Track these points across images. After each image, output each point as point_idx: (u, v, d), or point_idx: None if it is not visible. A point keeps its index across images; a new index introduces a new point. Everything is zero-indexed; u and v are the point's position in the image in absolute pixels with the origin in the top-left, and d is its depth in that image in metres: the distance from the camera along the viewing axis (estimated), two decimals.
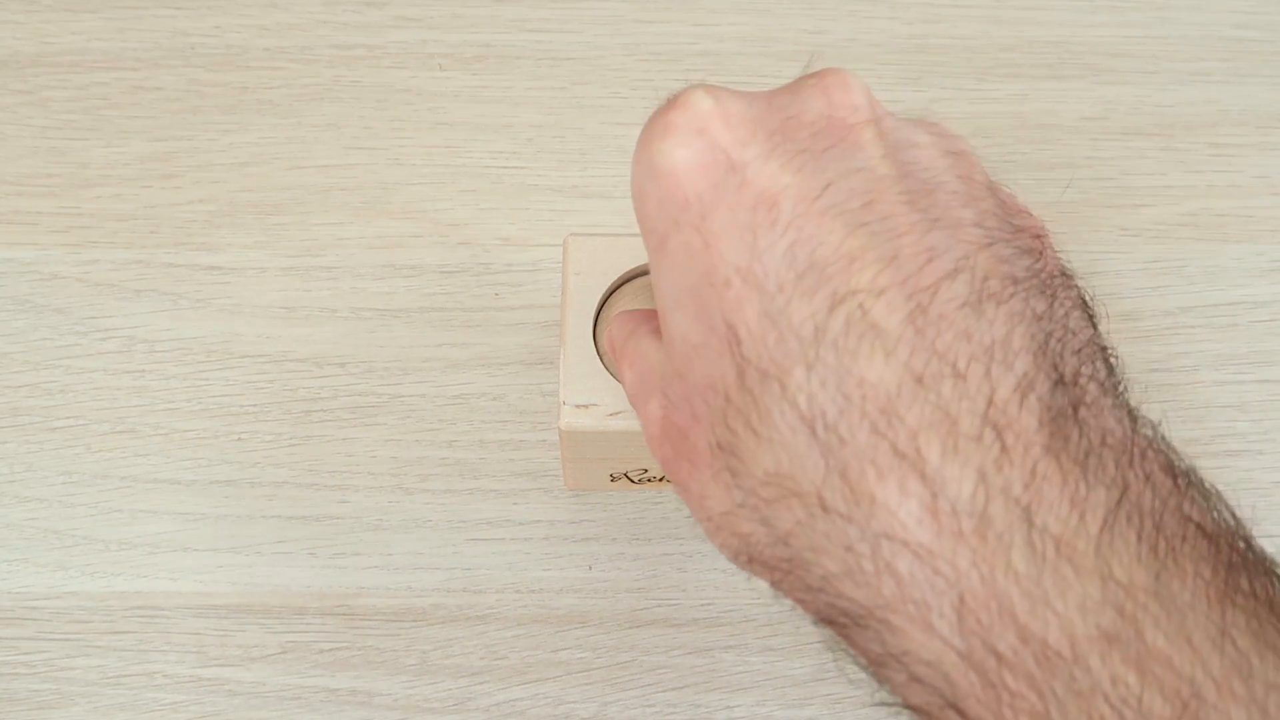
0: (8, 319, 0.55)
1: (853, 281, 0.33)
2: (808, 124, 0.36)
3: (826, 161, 0.35)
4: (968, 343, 0.32)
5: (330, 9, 0.61)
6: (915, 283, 0.33)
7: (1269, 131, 0.58)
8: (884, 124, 0.36)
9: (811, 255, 0.33)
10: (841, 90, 0.36)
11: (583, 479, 0.51)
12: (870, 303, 0.33)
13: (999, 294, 0.33)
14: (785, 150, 0.35)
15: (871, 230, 0.33)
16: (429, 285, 0.55)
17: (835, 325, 0.33)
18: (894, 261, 0.33)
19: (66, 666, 0.49)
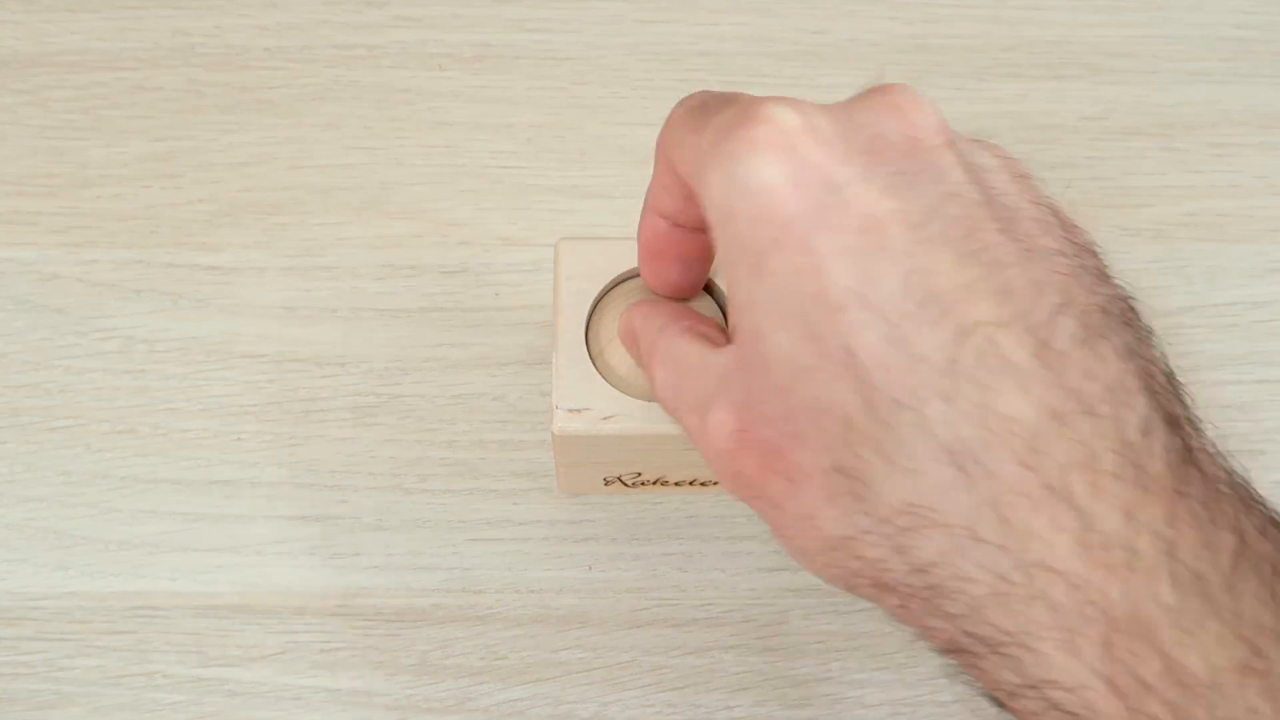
0: (8, 319, 0.55)
1: (975, 313, 0.34)
2: (893, 144, 0.36)
3: (922, 186, 0.35)
4: (1092, 381, 0.33)
5: (330, 9, 0.61)
6: (1032, 317, 0.34)
7: (1269, 131, 0.58)
8: (959, 146, 0.37)
9: (927, 284, 0.34)
10: (917, 110, 0.37)
11: (576, 483, 0.51)
12: (998, 336, 0.33)
13: (1101, 329, 0.34)
14: (881, 172, 0.35)
15: (981, 261, 0.34)
16: (429, 285, 0.55)
17: (967, 357, 0.33)
18: (1008, 295, 0.34)
19: (66, 666, 0.49)
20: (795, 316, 0.35)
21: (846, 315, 0.34)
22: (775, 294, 0.35)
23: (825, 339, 0.34)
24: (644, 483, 0.50)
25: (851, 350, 0.34)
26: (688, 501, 0.52)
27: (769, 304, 0.35)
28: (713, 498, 0.52)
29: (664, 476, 0.50)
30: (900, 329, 0.34)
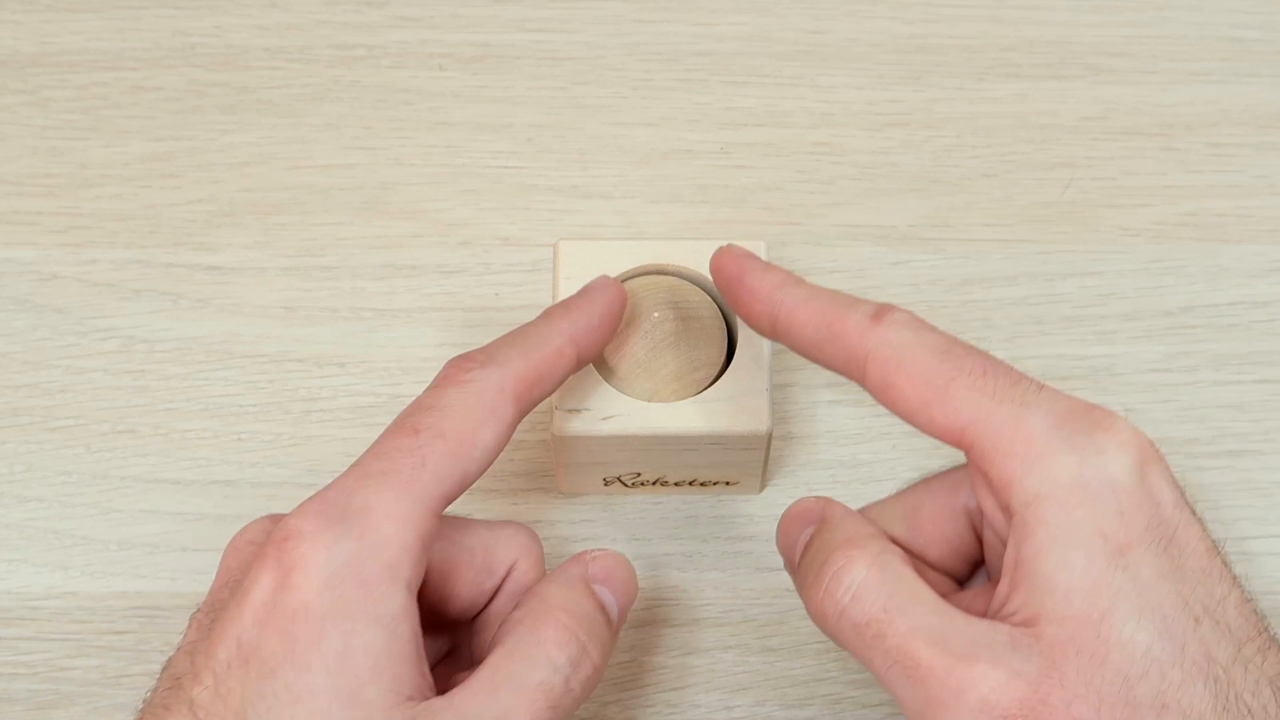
0: (8, 319, 0.55)
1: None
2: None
3: (1200, 525, 0.40)
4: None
5: (330, 9, 0.61)
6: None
7: (1269, 131, 0.58)
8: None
9: (1251, 616, 0.38)
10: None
11: (575, 483, 0.51)
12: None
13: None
14: (1190, 509, 0.39)
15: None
16: (429, 285, 0.55)
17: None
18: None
19: (66, 666, 0.49)
20: (1155, 613, 0.37)
21: (1203, 627, 0.37)
22: (1136, 587, 0.37)
23: (1186, 643, 0.37)
24: (644, 483, 0.50)
25: (1212, 657, 0.37)
26: (688, 501, 0.52)
27: (1128, 595, 0.37)
28: (713, 498, 0.52)
29: (664, 476, 0.50)
30: (1245, 650, 0.37)
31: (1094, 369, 0.54)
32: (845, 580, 0.39)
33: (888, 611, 0.38)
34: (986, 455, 0.39)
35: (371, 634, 0.38)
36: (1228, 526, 0.51)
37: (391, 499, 0.39)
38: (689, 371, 0.48)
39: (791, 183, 0.58)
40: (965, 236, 0.56)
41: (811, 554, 0.41)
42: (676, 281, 0.49)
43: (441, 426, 0.40)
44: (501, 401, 0.41)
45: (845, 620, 0.39)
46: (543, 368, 0.43)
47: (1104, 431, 0.39)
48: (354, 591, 0.38)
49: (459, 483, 0.41)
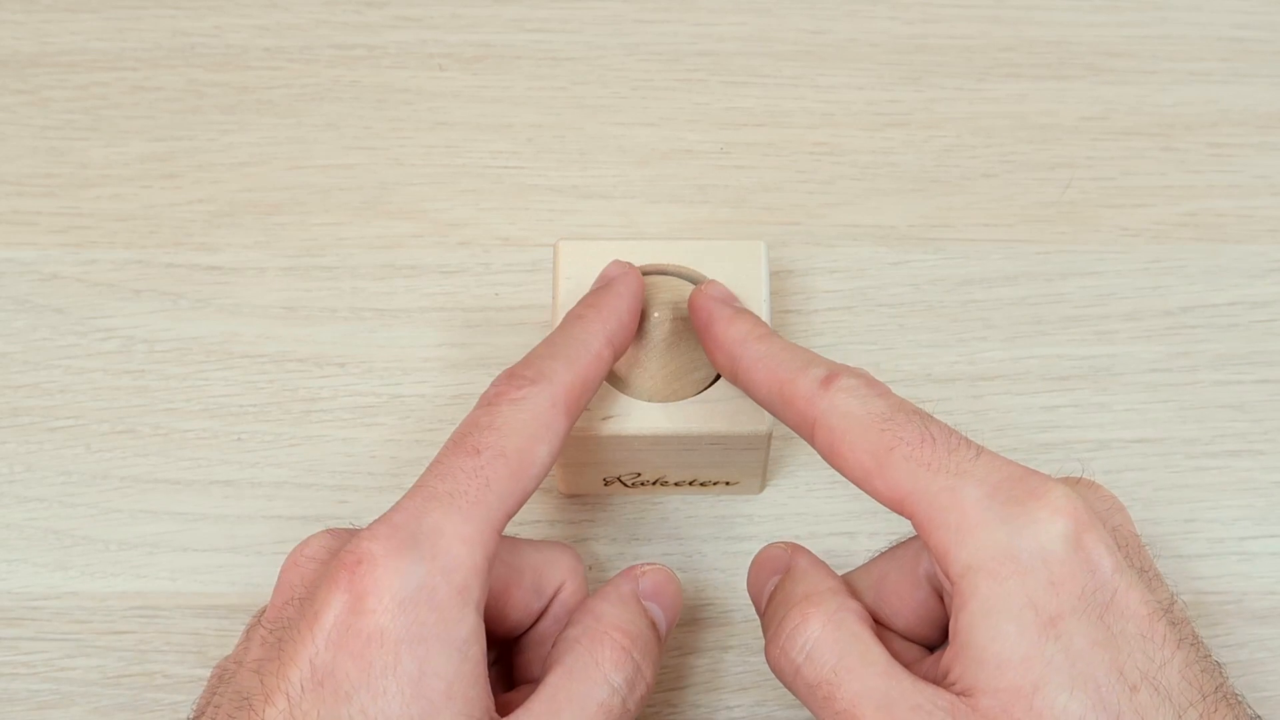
0: (8, 319, 0.55)
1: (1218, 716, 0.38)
2: (1129, 538, 0.42)
3: (1155, 584, 0.41)
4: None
5: (330, 9, 0.61)
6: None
7: (1269, 131, 0.58)
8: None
9: (1197, 681, 0.38)
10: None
11: (575, 483, 0.51)
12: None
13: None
14: (1134, 571, 0.39)
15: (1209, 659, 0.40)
16: (429, 285, 0.55)
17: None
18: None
19: (66, 666, 0.49)
20: (1089, 683, 0.37)
21: (1140, 696, 0.37)
22: (1068, 658, 0.37)
23: (1121, 713, 0.37)
24: (644, 483, 0.50)
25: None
26: (688, 501, 0.52)
27: (1060, 666, 0.37)
28: (713, 498, 0.52)
29: (664, 476, 0.50)
30: (1186, 716, 0.37)
31: (1094, 369, 0.54)
32: (800, 639, 0.40)
33: (837, 674, 0.39)
34: (924, 527, 0.39)
35: (445, 658, 0.38)
36: (1228, 526, 0.51)
37: (459, 520, 0.39)
38: (689, 371, 0.48)
39: (791, 183, 0.58)
40: (965, 236, 0.56)
41: (774, 606, 0.42)
42: (676, 281, 0.49)
43: (502, 446, 0.41)
44: (554, 416, 0.42)
45: (799, 679, 0.40)
46: (587, 375, 0.43)
47: (1037, 500, 0.38)
48: (428, 615, 0.38)
49: (519, 501, 0.41)
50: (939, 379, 0.54)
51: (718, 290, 0.47)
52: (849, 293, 0.55)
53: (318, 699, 0.37)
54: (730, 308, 0.46)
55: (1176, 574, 0.51)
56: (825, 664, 0.39)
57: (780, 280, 0.55)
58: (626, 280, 0.47)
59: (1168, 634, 0.38)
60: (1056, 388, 0.54)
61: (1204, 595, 0.50)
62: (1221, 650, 0.50)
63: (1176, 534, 0.51)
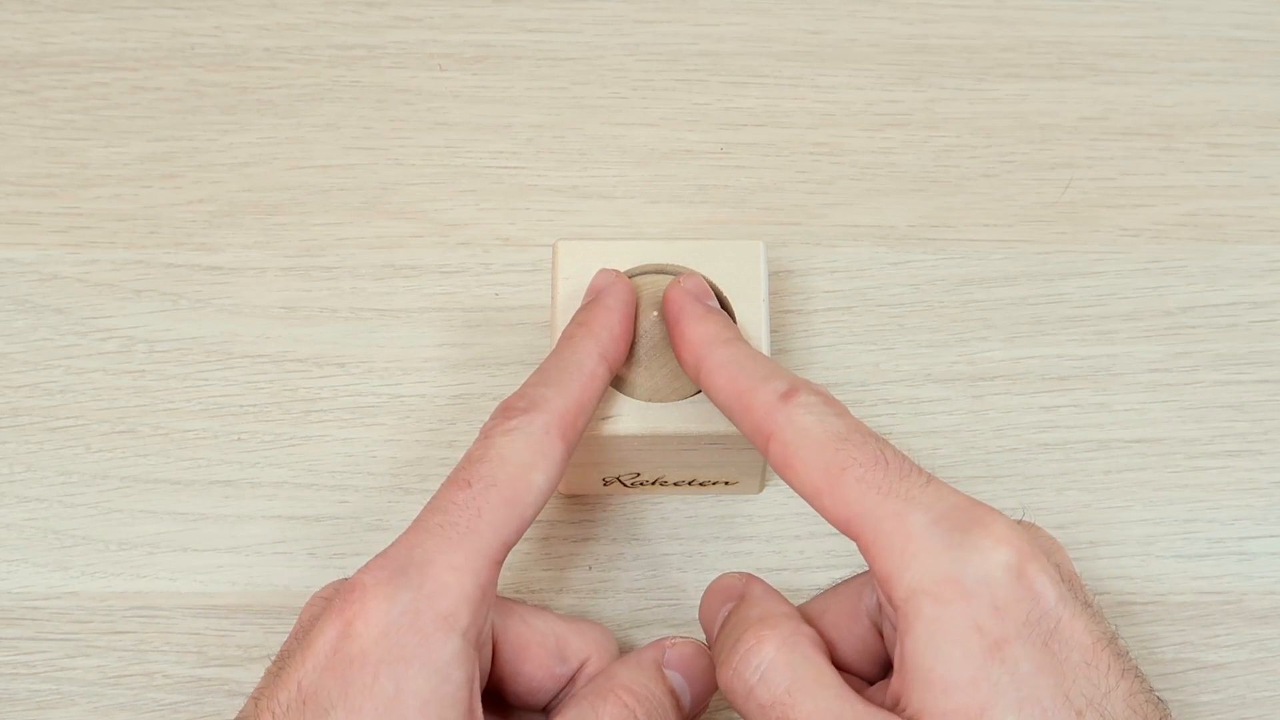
0: (8, 319, 0.55)
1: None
2: (1070, 576, 0.42)
3: (1098, 615, 0.40)
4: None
5: (330, 9, 0.61)
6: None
7: (1269, 131, 0.58)
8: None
9: (1141, 709, 0.38)
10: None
11: (575, 483, 0.51)
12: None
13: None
14: (1079, 600, 0.39)
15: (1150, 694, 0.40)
16: (429, 285, 0.55)
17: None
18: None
19: (66, 666, 0.49)
20: (1035, 707, 0.37)
21: (1085, 718, 0.37)
22: (1014, 681, 0.37)
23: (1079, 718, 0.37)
24: (643, 483, 0.50)
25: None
26: (688, 501, 0.52)
27: (1006, 689, 0.37)
28: (713, 498, 0.52)
29: (663, 476, 0.50)
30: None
31: (1094, 369, 0.54)
32: (754, 660, 0.40)
33: (791, 695, 0.39)
34: (869, 550, 0.40)
35: (423, 678, 0.39)
36: (1227, 526, 0.51)
37: (449, 550, 0.40)
38: None
39: (791, 183, 0.58)
40: (965, 236, 0.56)
41: (727, 630, 0.42)
42: None
43: (494, 476, 0.41)
44: (549, 443, 0.42)
45: (752, 700, 0.40)
46: (582, 398, 0.44)
47: (982, 529, 0.39)
48: (410, 638, 0.39)
49: (517, 529, 0.42)
50: (939, 379, 0.54)
51: (692, 284, 0.47)
52: (849, 293, 0.55)
53: (299, 717, 0.38)
54: (701, 305, 0.46)
55: (1176, 574, 0.51)
56: (779, 685, 0.39)
57: (780, 280, 0.55)
58: (614, 291, 0.47)
59: (1112, 663, 0.38)
60: (1056, 388, 0.54)
61: (1204, 595, 0.50)
62: (1222, 650, 0.50)
63: (1176, 534, 0.51)
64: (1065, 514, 0.51)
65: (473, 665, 0.40)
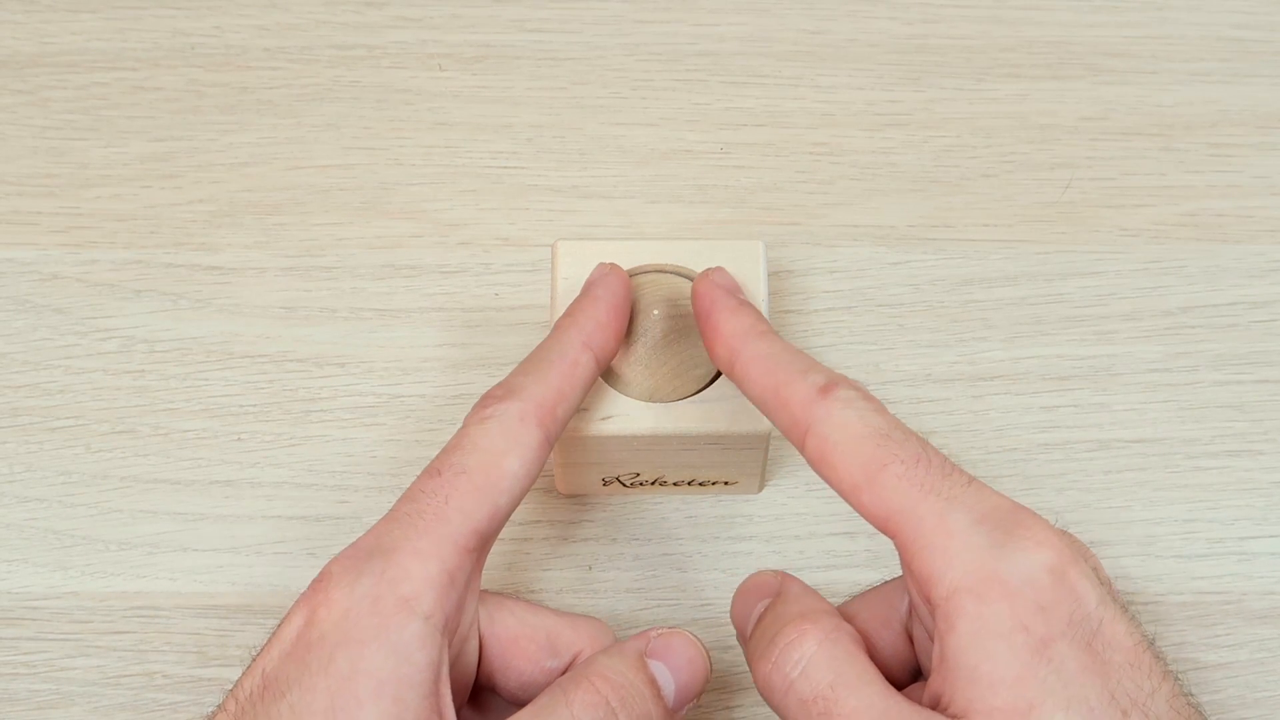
0: (8, 319, 0.55)
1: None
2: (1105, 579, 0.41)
3: (1131, 618, 0.40)
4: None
5: (330, 9, 0.61)
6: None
7: (1269, 131, 0.58)
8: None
9: (1183, 710, 0.38)
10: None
11: (575, 483, 0.51)
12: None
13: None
14: (1118, 603, 0.40)
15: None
16: (429, 285, 0.55)
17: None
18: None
19: (66, 666, 0.49)
20: (1082, 706, 0.37)
21: (1131, 718, 0.37)
22: (1061, 680, 0.37)
23: (1124, 717, 0.37)
24: (643, 483, 0.50)
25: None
26: (688, 501, 0.52)
27: (1054, 687, 0.37)
28: (713, 498, 0.52)
29: (663, 476, 0.50)
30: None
31: (1094, 369, 0.54)
32: (795, 655, 0.40)
33: (835, 690, 0.39)
34: (909, 547, 0.39)
35: (380, 658, 0.38)
36: (1227, 526, 0.51)
37: (415, 536, 0.40)
38: (689, 369, 0.48)
39: (791, 183, 0.58)
40: (965, 236, 0.56)
41: (764, 626, 0.42)
42: (676, 280, 0.49)
43: (464, 464, 0.41)
44: (523, 429, 0.42)
45: (792, 694, 0.39)
46: (562, 385, 0.44)
47: (1024, 530, 0.39)
48: (368, 620, 0.39)
49: (490, 515, 0.41)
50: (939, 379, 0.54)
51: (723, 278, 0.47)
52: (849, 293, 0.55)
53: (260, 700, 0.39)
54: (735, 298, 0.46)
55: (1176, 574, 0.51)
56: (822, 679, 0.39)
57: (780, 280, 0.55)
58: (605, 282, 0.47)
59: (1153, 665, 0.38)
60: (1056, 388, 0.54)
61: (1204, 595, 0.50)
62: (1222, 650, 0.50)
63: (1176, 534, 0.51)
64: (1065, 514, 0.51)
65: (438, 650, 0.39)
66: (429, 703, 0.39)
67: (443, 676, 0.40)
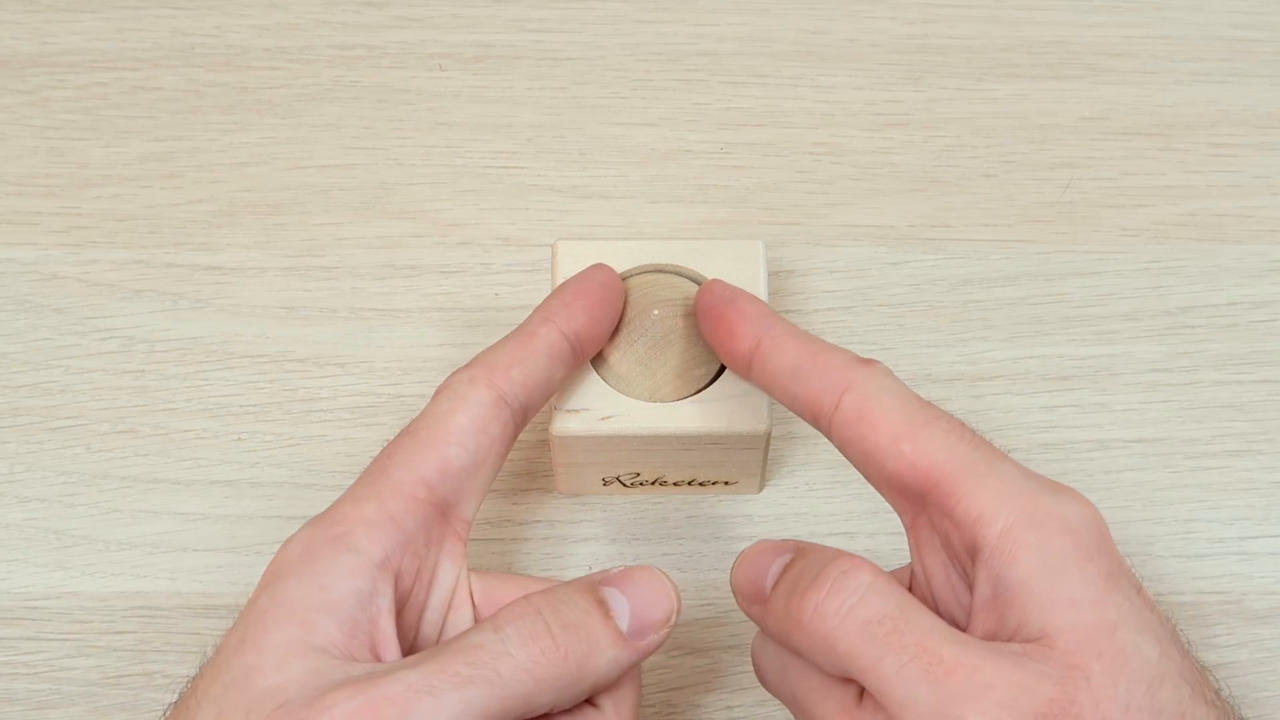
0: (8, 319, 0.55)
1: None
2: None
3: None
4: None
5: (330, 9, 0.61)
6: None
7: (1269, 131, 0.58)
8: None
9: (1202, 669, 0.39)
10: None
11: (575, 483, 0.51)
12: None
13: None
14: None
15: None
16: (429, 285, 0.55)
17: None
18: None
19: (66, 666, 0.49)
20: (1155, 635, 0.38)
21: (1188, 660, 0.38)
22: (1133, 609, 0.38)
23: (1181, 668, 0.38)
24: (643, 483, 0.50)
25: (1202, 684, 0.38)
26: (687, 501, 0.52)
27: (1129, 613, 0.38)
28: (712, 498, 0.52)
29: (663, 476, 0.50)
30: (1220, 694, 0.39)
31: (1094, 369, 0.54)
32: (853, 581, 0.39)
33: (904, 611, 0.38)
34: (955, 491, 0.39)
35: (296, 587, 0.39)
36: (1227, 526, 0.51)
37: (356, 489, 0.41)
38: (689, 369, 0.48)
39: (791, 183, 0.58)
40: (965, 236, 0.56)
41: (802, 567, 0.40)
42: (676, 280, 0.49)
43: (413, 428, 0.43)
44: (470, 390, 0.43)
45: (853, 618, 0.38)
46: (516, 352, 0.44)
47: (1065, 493, 0.40)
48: (298, 559, 0.40)
49: (439, 466, 0.42)
50: (939, 379, 0.54)
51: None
52: (849, 293, 0.55)
53: (209, 661, 0.40)
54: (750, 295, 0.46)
55: (1176, 574, 0.51)
56: (887, 602, 0.38)
57: (780, 280, 0.55)
58: (581, 272, 0.47)
59: (1177, 628, 0.40)
60: (1056, 388, 0.54)
61: (1204, 595, 0.50)
62: (1222, 650, 0.50)
63: (1176, 534, 0.51)
64: None
65: (370, 583, 0.39)
66: (347, 629, 0.39)
67: (380, 610, 0.40)
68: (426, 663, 0.38)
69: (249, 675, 0.38)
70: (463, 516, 0.43)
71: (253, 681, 0.38)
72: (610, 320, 0.47)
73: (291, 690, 0.37)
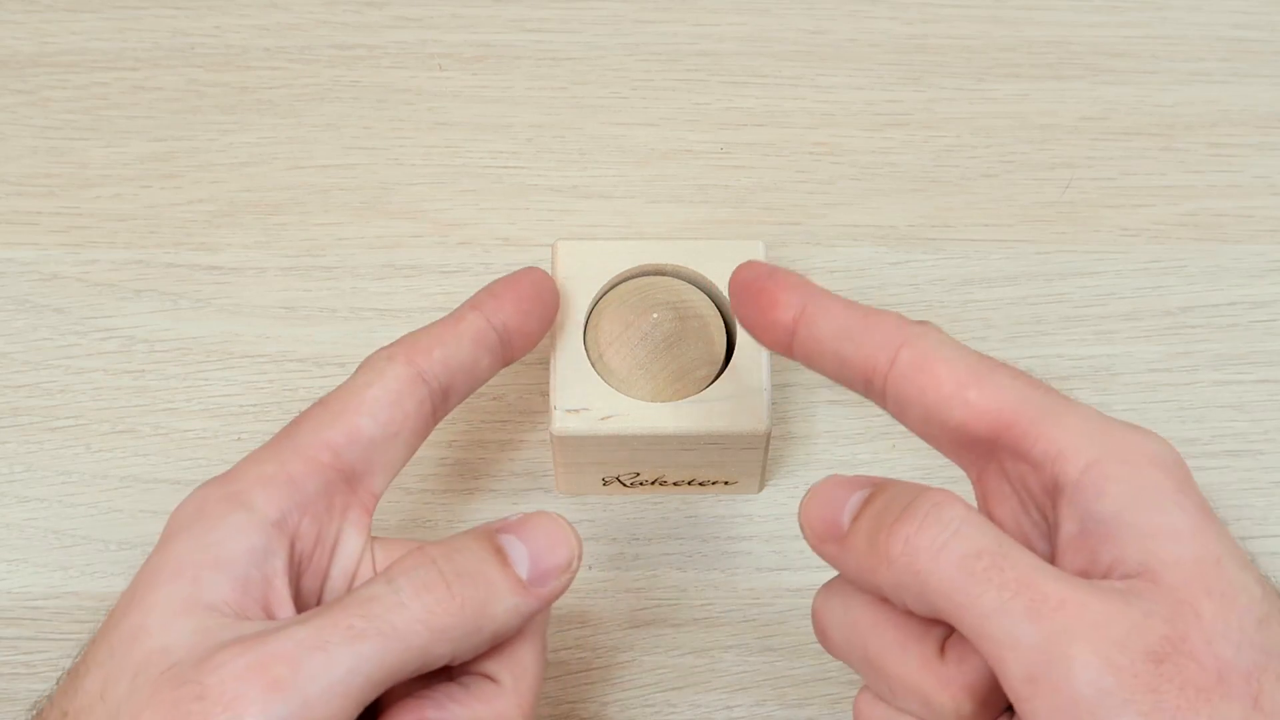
0: (8, 319, 0.55)
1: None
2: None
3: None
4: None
5: (330, 9, 0.61)
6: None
7: (1269, 131, 0.58)
8: None
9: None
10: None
11: (575, 483, 0.51)
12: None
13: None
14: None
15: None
16: (429, 285, 0.55)
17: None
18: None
19: (67, 667, 0.49)
20: (1251, 571, 0.36)
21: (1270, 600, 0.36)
22: (1230, 544, 0.36)
23: (1276, 608, 0.36)
24: (643, 483, 0.50)
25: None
26: (687, 501, 0.52)
27: (1229, 547, 0.36)
28: (712, 498, 0.52)
29: (663, 476, 0.50)
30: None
31: (1094, 369, 0.54)
32: (947, 515, 0.36)
33: (1002, 545, 0.36)
34: (1032, 431, 0.38)
35: (184, 543, 0.39)
36: (1227, 526, 0.51)
37: (259, 451, 0.41)
38: (689, 371, 0.48)
39: (791, 183, 0.58)
40: (965, 236, 0.56)
41: (886, 500, 0.38)
42: (676, 282, 0.49)
43: (325, 399, 0.43)
44: (388, 365, 0.43)
45: (948, 552, 0.36)
46: (440, 333, 0.45)
47: (1145, 430, 0.38)
48: (190, 518, 0.40)
49: (348, 433, 0.42)
50: None
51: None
52: (849, 293, 0.55)
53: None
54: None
55: None
56: (985, 536, 0.36)
57: None
58: (515, 271, 0.47)
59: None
60: (1056, 387, 0.53)
61: None
62: None
63: None
64: None
65: (264, 541, 0.39)
66: (239, 587, 0.38)
67: (275, 569, 0.39)
68: (318, 618, 0.37)
69: (135, 636, 0.37)
70: (371, 489, 0.42)
71: (139, 642, 0.37)
72: (540, 319, 0.46)
73: (180, 651, 0.37)
